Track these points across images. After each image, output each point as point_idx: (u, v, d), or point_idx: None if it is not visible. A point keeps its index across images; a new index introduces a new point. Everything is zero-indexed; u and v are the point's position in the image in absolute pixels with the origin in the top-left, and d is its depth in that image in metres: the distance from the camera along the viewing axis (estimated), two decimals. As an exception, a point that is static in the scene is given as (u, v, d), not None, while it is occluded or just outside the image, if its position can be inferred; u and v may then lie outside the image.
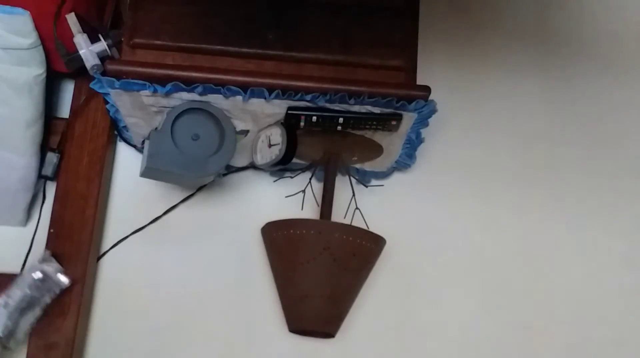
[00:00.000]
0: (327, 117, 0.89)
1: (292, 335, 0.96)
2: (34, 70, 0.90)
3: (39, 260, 0.91)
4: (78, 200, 0.97)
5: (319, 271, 0.89)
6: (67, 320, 0.92)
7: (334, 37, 0.87)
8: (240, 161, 1.02)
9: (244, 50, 0.86)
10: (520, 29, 1.22)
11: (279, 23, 0.86)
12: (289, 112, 0.88)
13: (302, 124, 0.90)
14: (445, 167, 1.11)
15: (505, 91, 1.18)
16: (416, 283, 1.05)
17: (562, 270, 1.08)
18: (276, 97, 0.85)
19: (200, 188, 1.05)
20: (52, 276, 0.90)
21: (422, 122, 0.92)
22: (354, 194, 1.01)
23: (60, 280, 0.91)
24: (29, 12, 0.86)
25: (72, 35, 0.89)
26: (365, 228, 0.94)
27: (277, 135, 0.91)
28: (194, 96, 0.86)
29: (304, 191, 1.02)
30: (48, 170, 0.97)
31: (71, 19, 0.90)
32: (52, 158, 0.98)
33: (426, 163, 1.10)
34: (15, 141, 0.93)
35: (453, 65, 1.17)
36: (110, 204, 1.04)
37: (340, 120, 0.89)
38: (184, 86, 0.84)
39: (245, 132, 0.94)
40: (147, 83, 0.83)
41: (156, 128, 0.90)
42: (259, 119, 0.91)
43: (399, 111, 0.88)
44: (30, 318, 0.89)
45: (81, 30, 0.90)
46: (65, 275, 0.91)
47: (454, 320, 1.04)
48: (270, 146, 0.92)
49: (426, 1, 0.92)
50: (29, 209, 1.01)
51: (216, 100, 0.87)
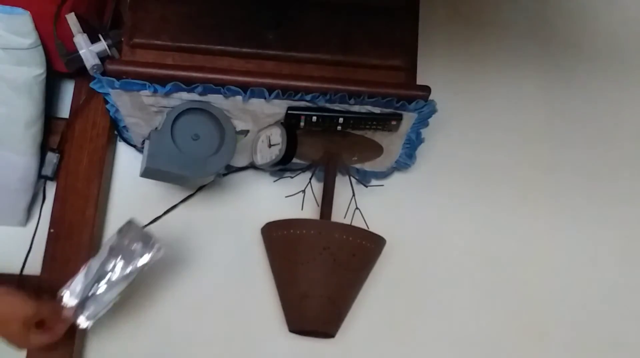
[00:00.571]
0: (327, 117, 0.89)
1: (292, 335, 0.96)
2: (34, 70, 0.90)
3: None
4: (78, 200, 0.97)
5: (319, 271, 0.89)
6: (67, 320, 0.92)
7: (334, 37, 0.87)
8: (240, 161, 1.02)
9: (244, 50, 0.86)
10: (520, 29, 1.22)
11: (279, 23, 0.86)
12: (289, 112, 0.88)
13: (302, 124, 0.90)
14: (445, 167, 1.11)
15: (505, 91, 1.18)
16: (416, 283, 1.05)
17: (562, 270, 1.08)
18: (276, 97, 0.85)
19: (200, 188, 1.05)
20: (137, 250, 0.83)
21: (422, 122, 0.92)
22: (354, 194, 1.01)
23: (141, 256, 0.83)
24: (29, 12, 0.86)
25: (72, 35, 0.89)
26: (365, 228, 0.94)
27: (277, 135, 0.91)
28: (194, 96, 0.86)
29: (304, 191, 1.02)
30: (48, 170, 0.98)
31: (71, 19, 0.90)
32: (52, 158, 0.98)
33: (426, 163, 1.10)
34: (15, 141, 0.93)
35: (453, 65, 1.17)
36: (110, 204, 1.04)
37: (340, 120, 0.89)
38: (184, 86, 0.84)
39: (245, 132, 0.94)
40: (147, 83, 0.83)
41: (156, 128, 0.90)
42: (259, 119, 0.91)
43: (399, 111, 0.88)
44: (114, 293, 0.83)
45: (81, 30, 0.90)
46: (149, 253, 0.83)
47: (454, 320, 1.04)
48: (270, 146, 0.92)
49: (426, 1, 0.92)
50: (29, 209, 1.01)
51: (216, 100, 0.87)
